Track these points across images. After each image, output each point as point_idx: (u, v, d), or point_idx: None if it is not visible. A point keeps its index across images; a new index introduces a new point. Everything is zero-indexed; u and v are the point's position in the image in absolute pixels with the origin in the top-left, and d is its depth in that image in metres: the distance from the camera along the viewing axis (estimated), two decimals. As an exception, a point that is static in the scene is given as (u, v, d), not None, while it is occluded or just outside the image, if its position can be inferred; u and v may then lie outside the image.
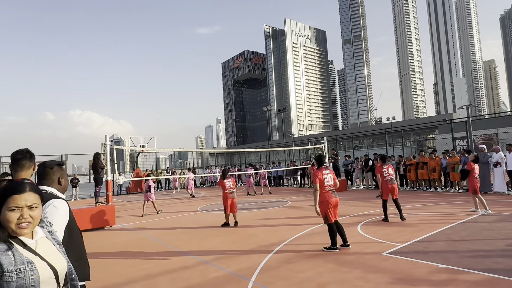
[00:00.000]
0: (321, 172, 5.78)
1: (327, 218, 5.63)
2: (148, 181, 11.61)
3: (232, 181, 8.65)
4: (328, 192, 5.70)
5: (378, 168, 8.24)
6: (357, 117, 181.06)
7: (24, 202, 1.48)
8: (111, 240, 7.78)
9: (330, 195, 5.69)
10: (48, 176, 2.25)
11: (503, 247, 5.24)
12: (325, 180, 5.73)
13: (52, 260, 1.49)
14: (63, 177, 2.33)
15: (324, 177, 5.74)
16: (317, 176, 5.76)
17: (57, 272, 1.48)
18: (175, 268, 5.16)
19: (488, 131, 33.43)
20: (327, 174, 5.83)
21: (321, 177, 5.73)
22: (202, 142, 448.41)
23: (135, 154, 28.62)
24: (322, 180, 5.72)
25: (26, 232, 1.48)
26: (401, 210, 7.84)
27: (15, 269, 1.35)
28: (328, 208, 5.63)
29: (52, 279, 1.46)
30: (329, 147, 19.26)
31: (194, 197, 17.01)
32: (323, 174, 5.78)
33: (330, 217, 5.61)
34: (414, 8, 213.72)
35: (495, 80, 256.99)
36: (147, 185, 11.61)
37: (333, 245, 5.57)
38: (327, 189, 5.72)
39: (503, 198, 10.70)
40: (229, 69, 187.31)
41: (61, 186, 2.30)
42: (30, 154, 2.37)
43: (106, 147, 9.49)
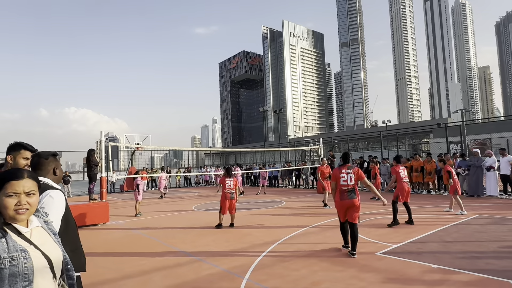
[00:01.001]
0: (339, 170, 5.51)
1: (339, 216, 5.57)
2: (136, 179, 11.24)
3: (234, 182, 8.27)
4: (343, 193, 5.36)
5: (394, 169, 7.84)
6: (352, 120, 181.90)
7: (22, 188, 1.47)
8: (104, 237, 7.73)
9: (343, 195, 5.35)
10: (43, 166, 2.23)
11: (495, 248, 5.29)
12: (341, 179, 5.40)
13: (46, 250, 1.48)
14: (58, 167, 2.31)
15: (341, 176, 5.41)
16: (334, 174, 5.56)
17: (52, 262, 1.47)
18: (169, 265, 5.14)
19: (482, 136, 33.80)
20: (347, 173, 5.43)
21: (337, 175, 5.48)
22: (197, 142, 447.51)
23: (129, 153, 28.46)
24: (338, 179, 5.45)
25: (23, 218, 1.47)
26: (411, 214, 7.60)
27: (8, 256, 1.33)
28: (339, 208, 5.46)
29: (47, 268, 1.45)
30: (325, 149, 19.30)
31: (162, 198, 16.56)
32: (341, 172, 5.46)
33: (341, 217, 5.47)
34: (411, 13, 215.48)
35: (490, 86, 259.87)
36: (135, 184, 11.23)
37: (346, 243, 5.54)
38: (342, 189, 5.38)
39: (495, 201, 10.81)
40: (226, 69, 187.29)
41: (56, 177, 2.29)
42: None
43: (101, 144, 9.43)
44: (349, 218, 5.32)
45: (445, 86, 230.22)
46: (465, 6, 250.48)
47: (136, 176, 11.48)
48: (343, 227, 5.57)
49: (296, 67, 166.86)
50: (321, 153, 17.74)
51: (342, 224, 5.57)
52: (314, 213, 9.84)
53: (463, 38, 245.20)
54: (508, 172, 11.53)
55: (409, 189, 7.66)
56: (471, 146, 27.46)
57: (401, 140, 56.67)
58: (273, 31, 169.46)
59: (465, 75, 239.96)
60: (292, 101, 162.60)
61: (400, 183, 7.61)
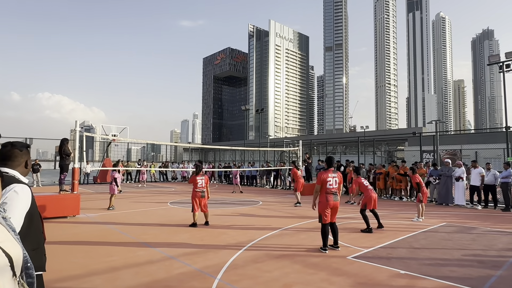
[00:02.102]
0: (326, 174, 5.85)
1: (321, 218, 5.75)
2: (114, 173, 10.93)
3: (206, 180, 8.13)
4: (330, 195, 5.78)
5: (357, 181, 8.21)
6: (332, 124, 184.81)
7: None
8: (73, 230, 7.47)
9: (329, 197, 5.77)
10: (16, 158, 2.10)
11: (459, 256, 5.52)
12: (328, 182, 5.79)
13: (6, 247, 1.40)
14: (29, 160, 2.20)
15: (328, 180, 5.81)
16: (320, 177, 5.84)
17: (12, 260, 1.39)
18: (140, 262, 5.03)
19: (453, 146, 35.24)
20: (333, 177, 5.86)
21: (323, 179, 5.80)
22: (177, 137, 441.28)
23: (105, 144, 27.67)
24: (324, 182, 5.79)
25: None
26: (379, 219, 7.83)
27: None
28: (325, 209, 5.72)
29: (7, 266, 1.37)
30: (304, 151, 19.52)
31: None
32: (328, 176, 5.84)
33: (325, 218, 5.72)
34: (394, 23, 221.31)
35: (463, 99, 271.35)
36: (112, 177, 10.88)
37: (324, 246, 5.71)
38: (328, 192, 5.79)
39: (462, 210, 11.30)
40: (210, 64, 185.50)
41: (26, 170, 2.17)
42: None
43: (76, 133, 9.10)
44: (332, 219, 5.82)
45: (422, 96, 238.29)
46: (445, 20, 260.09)
47: (114, 169, 11.16)
48: (326, 229, 5.73)
49: (280, 67, 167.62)
50: (300, 155, 17.92)
51: (325, 226, 5.74)
52: (290, 214, 9.92)
53: (441, 51, 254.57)
54: (478, 183, 12.06)
55: (376, 197, 7.91)
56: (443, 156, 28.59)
57: (378, 147, 58.20)
58: (260, 30, 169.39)
59: (441, 87, 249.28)
60: (274, 101, 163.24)
61: (366, 191, 7.87)
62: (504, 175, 11.54)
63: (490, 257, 5.49)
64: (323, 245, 5.73)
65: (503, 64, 14.18)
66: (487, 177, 11.89)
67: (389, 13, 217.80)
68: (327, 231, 5.73)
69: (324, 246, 5.72)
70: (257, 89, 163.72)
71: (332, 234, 5.89)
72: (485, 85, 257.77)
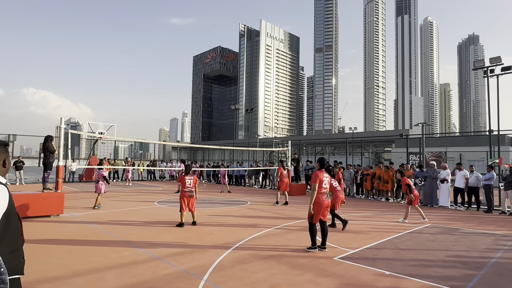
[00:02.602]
0: (322, 174, 5.94)
1: (313, 218, 5.79)
2: (101, 171, 10.65)
3: (194, 179, 8.08)
4: (323, 195, 5.89)
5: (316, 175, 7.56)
6: (321, 124, 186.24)
7: None
8: (57, 229, 7.29)
9: (324, 197, 5.89)
10: None
11: (442, 257, 5.62)
12: (323, 182, 5.90)
13: None
14: (7, 159, 2.12)
15: (323, 179, 5.92)
16: (317, 176, 5.89)
17: None
18: (125, 263, 4.94)
19: (439, 148, 35.97)
20: (326, 177, 6.00)
21: (321, 178, 5.89)
22: (165, 135, 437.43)
23: (92, 141, 27.18)
24: (321, 181, 5.88)
25: None
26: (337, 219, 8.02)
27: None
28: (320, 209, 5.81)
29: None
30: (293, 151, 19.59)
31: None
32: (323, 176, 5.94)
33: (317, 218, 5.79)
34: (383, 26, 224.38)
35: (449, 103, 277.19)
36: (99, 175, 10.58)
37: (313, 245, 5.77)
38: (323, 191, 5.90)
39: (446, 212, 11.52)
40: (200, 63, 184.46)
41: (4, 169, 2.09)
42: None
43: (60, 131, 8.89)
44: (323, 217, 5.93)
45: (409, 99, 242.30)
46: (432, 25, 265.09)
47: (100, 167, 10.92)
48: (314, 229, 5.82)
49: (271, 67, 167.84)
50: (289, 155, 17.98)
51: (313, 226, 5.81)
52: (278, 215, 9.93)
53: (428, 55, 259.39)
54: (462, 186, 12.31)
55: (343, 198, 8.23)
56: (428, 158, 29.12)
57: (366, 148, 58.88)
58: (251, 30, 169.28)
59: (427, 90, 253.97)
60: (264, 101, 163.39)
61: (335, 192, 8.04)
62: (487, 177, 11.81)
63: (472, 258, 5.60)
64: (312, 244, 5.77)
65: (487, 69, 14.50)
66: (471, 179, 12.15)
67: (378, 16, 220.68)
68: (315, 230, 5.82)
69: (313, 245, 5.76)
70: (247, 89, 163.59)
71: (321, 235, 5.95)
72: (470, 89, 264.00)
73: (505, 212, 11.24)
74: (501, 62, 14.21)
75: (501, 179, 12.07)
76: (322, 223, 5.94)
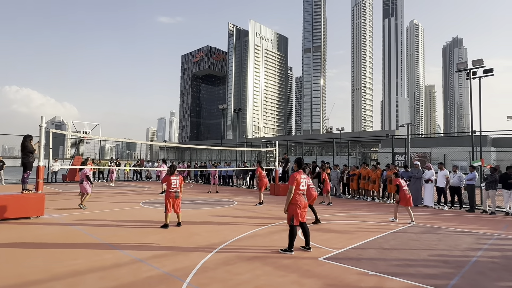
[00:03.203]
0: (299, 175, 5.90)
1: (292, 220, 5.72)
2: (85, 171, 10.40)
3: (180, 180, 7.98)
4: (300, 196, 5.84)
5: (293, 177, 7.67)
6: (309, 125, 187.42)
7: None
8: (36, 231, 7.08)
9: (302, 198, 5.84)
10: None
11: (425, 256, 5.69)
12: (300, 184, 5.84)
13: None
14: None
15: (301, 181, 5.86)
16: (295, 178, 5.85)
17: None
18: (106, 266, 4.83)
19: (423, 149, 36.65)
20: (303, 178, 5.95)
21: (298, 180, 5.84)
22: (153, 134, 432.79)
23: (77, 140, 26.61)
24: (298, 183, 5.82)
25: None
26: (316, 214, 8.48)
27: None
28: (298, 211, 5.73)
29: None
30: (281, 151, 19.62)
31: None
32: (301, 177, 5.90)
33: (296, 220, 5.71)
34: (371, 28, 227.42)
35: (433, 104, 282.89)
36: (82, 175, 10.32)
37: (290, 247, 5.68)
38: (300, 192, 5.84)
39: (430, 211, 11.72)
40: (188, 62, 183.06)
41: None
42: None
43: (41, 130, 8.65)
44: (302, 219, 5.84)
45: (395, 100, 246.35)
46: (418, 27, 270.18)
47: (83, 167, 10.63)
48: (294, 231, 5.72)
49: (260, 67, 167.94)
50: (276, 155, 17.99)
51: (294, 228, 5.73)
52: (264, 215, 9.91)
53: (414, 57, 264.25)
54: (443, 185, 12.56)
55: (316, 195, 8.47)
56: (413, 158, 29.61)
57: (353, 148, 59.55)
58: (239, 29, 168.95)
59: (413, 92, 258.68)
60: (253, 101, 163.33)
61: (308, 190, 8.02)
62: (469, 177, 12.08)
63: (454, 257, 5.69)
64: (289, 246, 5.69)
65: (470, 71, 14.84)
66: (454, 179, 12.41)
67: (366, 18, 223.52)
68: (295, 232, 5.74)
69: (290, 248, 5.68)
70: (236, 89, 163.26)
71: (303, 235, 5.95)
72: (454, 90, 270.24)
73: (487, 211, 11.52)
74: (483, 65, 14.56)
75: (482, 179, 12.35)
76: (302, 224, 5.88)
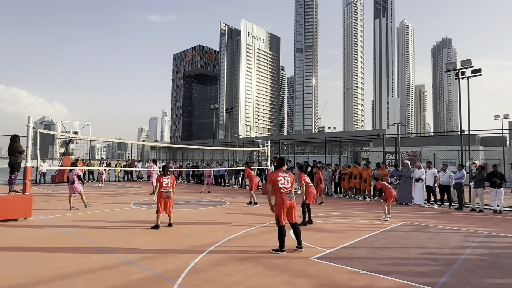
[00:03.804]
0: (276, 174, 5.79)
1: (278, 220, 5.65)
2: (76, 171, 10.30)
3: (172, 180, 7.92)
4: (283, 195, 5.70)
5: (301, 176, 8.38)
6: (302, 124, 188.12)
7: None
8: (23, 234, 6.94)
9: (284, 197, 5.69)
10: None
11: (415, 255, 5.74)
12: (279, 182, 5.71)
13: None
14: None
15: (279, 179, 5.73)
16: (270, 177, 5.78)
17: None
18: (95, 268, 4.75)
19: (414, 148, 37.08)
20: (284, 177, 5.80)
21: (274, 178, 5.73)
22: (144, 134, 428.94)
23: (66, 141, 26.21)
24: (275, 182, 5.71)
25: None
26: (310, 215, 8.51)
27: None
28: (281, 210, 5.64)
29: None
30: (273, 151, 19.63)
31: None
32: (279, 176, 5.76)
33: (282, 220, 5.62)
34: (362, 28, 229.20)
35: (423, 103, 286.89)
36: (74, 174, 10.24)
37: (281, 247, 5.63)
38: (282, 191, 5.70)
39: (419, 210, 11.85)
40: (180, 61, 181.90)
41: None
42: None
43: (29, 130, 8.48)
44: (290, 219, 5.78)
45: (386, 99, 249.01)
46: (408, 28, 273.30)
47: (72, 168, 10.51)
48: (282, 231, 5.66)
49: (252, 67, 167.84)
50: (268, 155, 17.99)
51: (281, 228, 5.65)
52: (256, 215, 9.89)
53: (404, 57, 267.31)
54: (431, 184, 12.72)
55: (315, 193, 8.66)
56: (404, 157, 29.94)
57: (344, 147, 59.94)
58: (231, 29, 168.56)
59: (404, 91, 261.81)
60: (245, 101, 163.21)
61: (308, 187, 8.35)
62: (458, 176, 12.26)
63: (443, 255, 5.75)
64: (280, 246, 5.64)
65: (458, 72, 15.05)
66: (443, 178, 12.57)
67: (357, 18, 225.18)
68: (283, 232, 5.65)
69: (281, 247, 5.62)
70: (228, 88, 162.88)
71: (294, 235, 5.89)
72: (443, 90, 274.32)
73: (475, 209, 11.70)
74: (471, 65, 14.78)
75: (471, 178, 12.54)
76: (293, 225, 5.81)
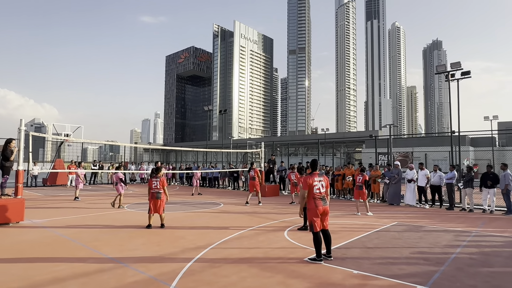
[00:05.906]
0: (311, 178, 5.44)
1: (312, 226, 5.36)
2: (119, 174, 11.42)
3: (161, 181, 8.17)
4: (317, 200, 5.39)
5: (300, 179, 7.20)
6: (295, 125, 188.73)
7: None
8: (16, 237, 6.88)
9: (318, 202, 5.38)
10: None
11: (407, 254, 5.84)
12: (315, 187, 5.40)
13: None
14: None
15: (315, 184, 5.41)
16: (306, 181, 5.41)
17: None
18: (89, 272, 4.74)
19: (405, 149, 37.53)
20: (319, 181, 5.48)
21: (310, 183, 5.40)
22: (137, 136, 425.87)
23: (58, 143, 25.93)
24: (311, 186, 5.40)
25: None
26: None
27: None
28: (315, 216, 5.35)
29: None
30: (267, 152, 19.69)
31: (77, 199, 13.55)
32: (314, 180, 5.43)
33: (316, 226, 5.32)
34: (354, 30, 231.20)
35: (415, 105, 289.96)
36: (117, 178, 11.35)
37: (318, 256, 5.30)
38: (316, 197, 5.40)
39: (411, 210, 12.01)
40: (173, 63, 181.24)
41: None
42: None
43: (20, 133, 8.41)
44: (323, 225, 5.45)
45: (378, 101, 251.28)
46: (399, 30, 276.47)
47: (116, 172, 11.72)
48: (318, 238, 5.33)
49: (245, 68, 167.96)
50: (262, 156, 18.04)
51: (317, 234, 5.33)
52: (250, 216, 9.92)
53: (396, 58, 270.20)
54: (423, 184, 12.90)
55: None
56: (396, 157, 30.25)
57: (337, 148, 60.33)
58: (224, 30, 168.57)
59: (396, 93, 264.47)
60: (238, 102, 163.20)
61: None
62: (448, 176, 12.46)
63: (434, 254, 5.86)
64: (317, 255, 5.30)
65: (448, 73, 15.32)
66: (434, 178, 12.76)
67: (349, 20, 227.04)
68: (319, 239, 5.32)
69: (318, 256, 5.29)
70: (221, 90, 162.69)
71: (325, 242, 5.47)
72: (434, 92, 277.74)
73: (465, 209, 11.90)
74: (461, 67, 15.06)
75: (460, 179, 12.76)
76: (325, 231, 5.47)
